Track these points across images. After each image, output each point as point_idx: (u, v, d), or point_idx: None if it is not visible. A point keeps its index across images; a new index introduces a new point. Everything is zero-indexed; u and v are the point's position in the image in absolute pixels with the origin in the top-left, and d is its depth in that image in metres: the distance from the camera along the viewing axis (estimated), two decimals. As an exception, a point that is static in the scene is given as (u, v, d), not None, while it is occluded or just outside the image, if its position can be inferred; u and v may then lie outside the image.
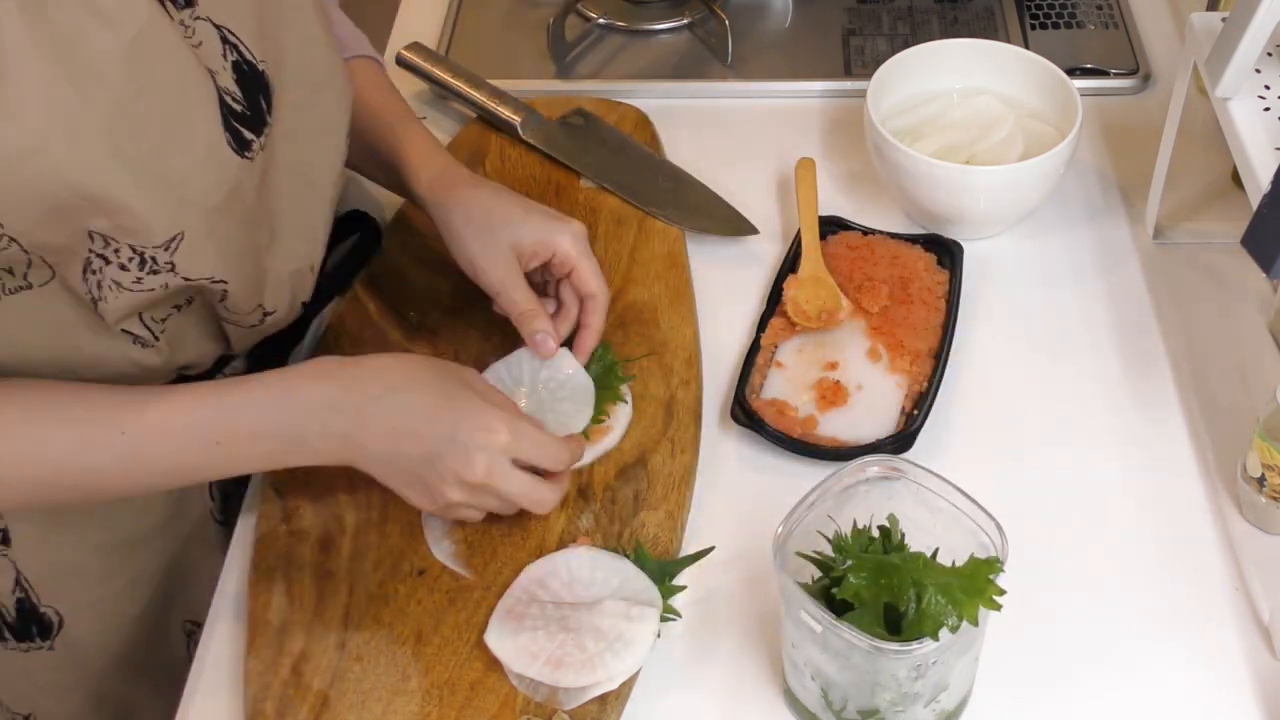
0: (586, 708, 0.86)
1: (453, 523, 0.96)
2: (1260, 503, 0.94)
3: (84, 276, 0.83)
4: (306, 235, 0.98)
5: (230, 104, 0.84)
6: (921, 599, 0.76)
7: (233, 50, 0.85)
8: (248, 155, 0.86)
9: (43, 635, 1.03)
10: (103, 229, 0.80)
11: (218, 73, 0.84)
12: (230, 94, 0.84)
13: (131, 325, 0.89)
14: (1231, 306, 1.10)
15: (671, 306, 1.10)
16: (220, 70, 0.84)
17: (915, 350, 1.05)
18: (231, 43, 0.85)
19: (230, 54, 0.85)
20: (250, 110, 0.86)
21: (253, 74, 0.86)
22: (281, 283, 0.96)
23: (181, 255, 0.84)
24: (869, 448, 0.98)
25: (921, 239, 1.13)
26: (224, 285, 0.89)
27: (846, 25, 1.39)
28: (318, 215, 0.98)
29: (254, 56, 0.86)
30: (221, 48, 0.84)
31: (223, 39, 0.84)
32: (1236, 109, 0.96)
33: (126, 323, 0.88)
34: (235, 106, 0.85)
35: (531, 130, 1.24)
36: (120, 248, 0.82)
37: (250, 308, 0.94)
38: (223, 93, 0.84)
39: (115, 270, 0.83)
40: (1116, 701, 0.87)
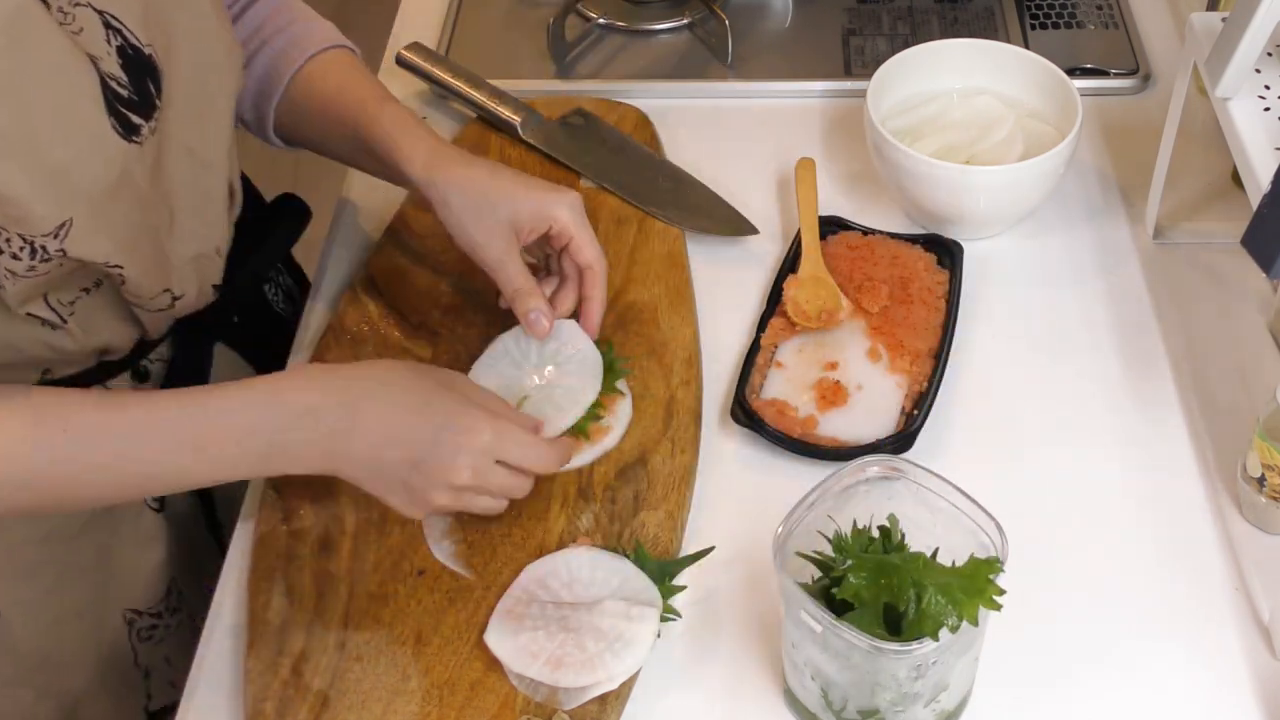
0: (586, 708, 0.86)
1: (453, 523, 0.96)
2: (1260, 503, 0.94)
3: None
4: (205, 217, 0.97)
5: (115, 89, 0.84)
6: (921, 599, 0.76)
7: (116, 35, 0.84)
8: (135, 140, 0.86)
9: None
10: None
11: (101, 58, 0.83)
12: (115, 79, 0.84)
13: (37, 309, 0.89)
14: (1231, 306, 1.10)
15: (671, 306, 1.10)
16: (104, 56, 0.83)
17: (915, 350, 1.05)
18: (115, 27, 0.84)
19: (114, 39, 0.84)
20: (137, 95, 0.86)
21: (138, 58, 0.86)
22: (186, 266, 0.96)
23: (71, 242, 0.84)
24: (869, 448, 0.98)
25: (921, 239, 1.13)
26: (120, 270, 0.89)
27: (846, 25, 1.39)
28: (215, 196, 0.98)
29: (139, 41, 0.86)
30: (105, 33, 0.83)
31: (105, 24, 0.83)
32: (1236, 109, 0.96)
33: (31, 305, 0.88)
34: (121, 91, 0.84)
35: (531, 130, 1.24)
36: (10, 237, 0.82)
37: (155, 292, 0.94)
38: (106, 78, 0.83)
39: (8, 260, 0.83)
40: (1116, 701, 0.87)
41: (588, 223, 1.02)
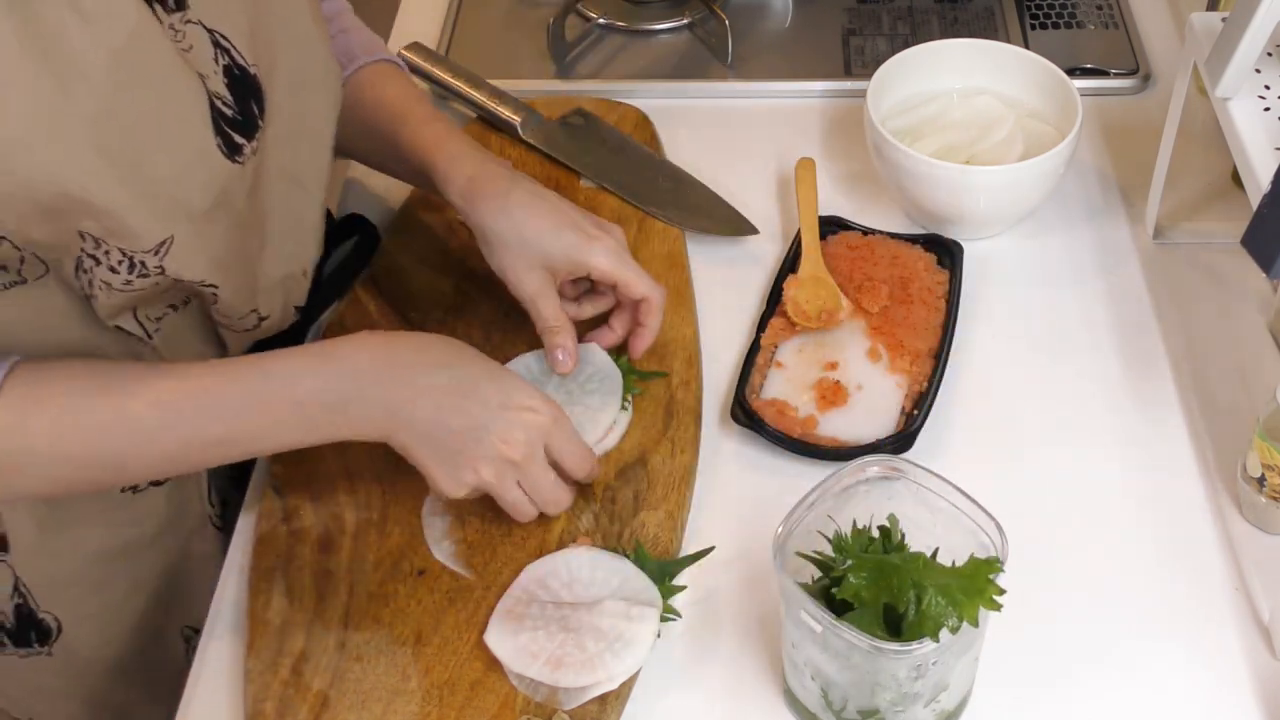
0: (586, 708, 0.86)
1: (453, 522, 0.96)
2: (1260, 503, 0.94)
3: (76, 274, 0.83)
4: (298, 238, 0.97)
5: (221, 108, 0.84)
6: (921, 599, 0.76)
7: (224, 54, 0.84)
8: (238, 160, 0.86)
9: (41, 641, 1.03)
10: (92, 230, 0.80)
11: (209, 76, 0.83)
12: (221, 98, 0.84)
13: (125, 322, 0.89)
14: (1231, 306, 1.10)
15: (671, 306, 1.10)
16: (211, 74, 0.84)
17: (915, 350, 1.05)
18: (224, 46, 0.84)
19: (222, 58, 0.84)
20: (241, 114, 0.86)
21: (244, 78, 0.86)
22: (274, 287, 0.96)
23: (171, 259, 0.84)
24: (869, 448, 0.98)
25: (921, 239, 1.13)
26: (214, 289, 0.89)
27: (846, 25, 1.39)
28: (308, 218, 0.98)
29: (245, 60, 0.86)
30: (213, 51, 0.84)
31: (214, 43, 0.84)
32: (1236, 109, 0.96)
33: (120, 319, 0.88)
34: (226, 111, 0.85)
35: (531, 130, 1.24)
36: (110, 250, 0.82)
37: (244, 312, 0.94)
38: (214, 97, 0.84)
39: (105, 271, 0.83)
40: (1116, 701, 0.87)
41: (629, 260, 0.99)
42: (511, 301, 1.09)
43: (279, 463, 1.00)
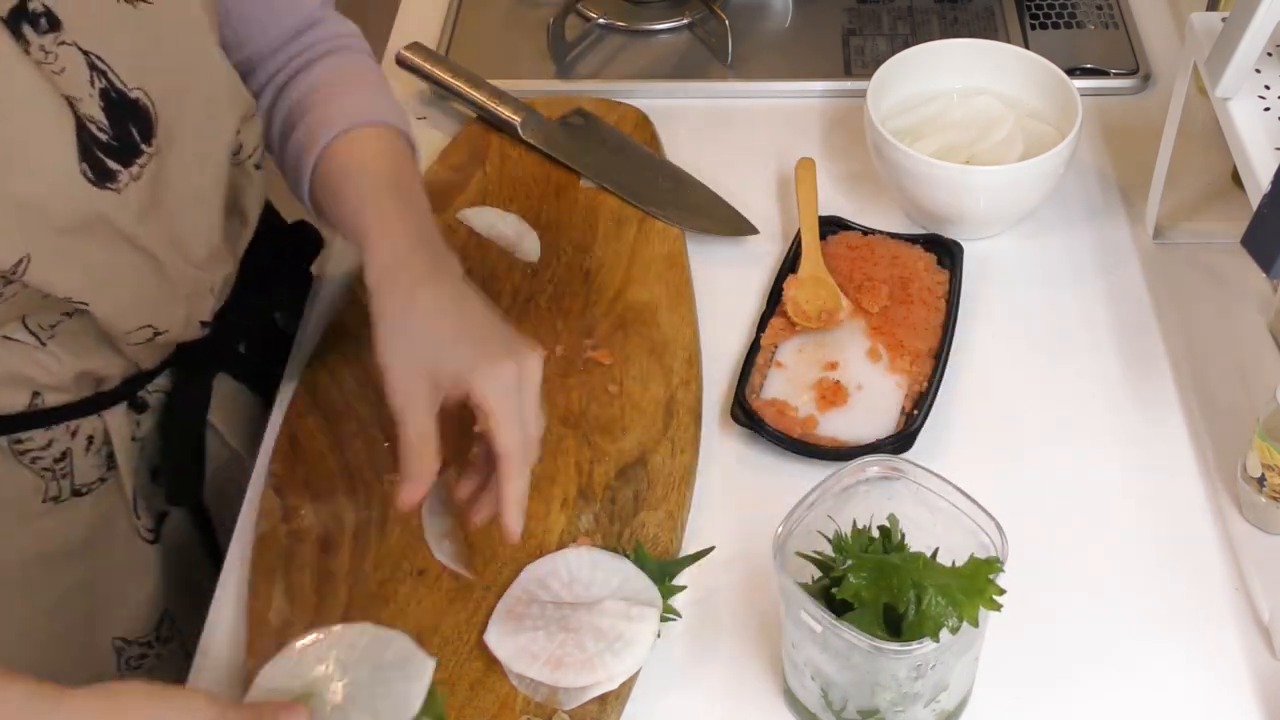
0: (586, 708, 0.86)
1: (453, 523, 0.96)
2: (1260, 503, 0.94)
3: None
4: (203, 258, 0.94)
5: (95, 133, 0.81)
6: (921, 599, 0.76)
7: (101, 77, 0.81)
8: (110, 186, 0.83)
9: None
10: None
11: (82, 100, 0.80)
12: (95, 121, 0.81)
13: (13, 331, 0.87)
14: (1231, 306, 1.10)
15: (671, 306, 1.10)
16: (86, 97, 0.81)
17: (915, 350, 1.05)
18: (100, 69, 0.81)
19: (98, 80, 0.81)
20: (117, 140, 0.83)
21: (123, 102, 0.83)
22: (175, 304, 0.93)
23: (33, 274, 0.81)
24: (869, 448, 0.98)
25: (921, 239, 1.13)
26: (84, 306, 0.86)
27: (846, 25, 1.39)
28: (210, 233, 0.95)
29: (125, 84, 0.83)
30: (89, 74, 0.81)
31: (90, 65, 0.81)
32: (1236, 109, 0.96)
33: (7, 329, 0.87)
34: (100, 135, 0.82)
35: (531, 130, 1.24)
36: None
37: (132, 327, 0.91)
38: (86, 120, 0.81)
39: None
40: (1116, 701, 0.87)
41: (517, 400, 0.85)
42: (509, 306, 1.10)
43: (279, 462, 1.00)
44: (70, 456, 0.97)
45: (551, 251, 1.15)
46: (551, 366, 1.06)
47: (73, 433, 0.96)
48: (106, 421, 0.98)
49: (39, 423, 0.94)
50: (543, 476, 0.98)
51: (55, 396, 0.93)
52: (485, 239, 1.16)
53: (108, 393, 0.97)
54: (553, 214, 1.18)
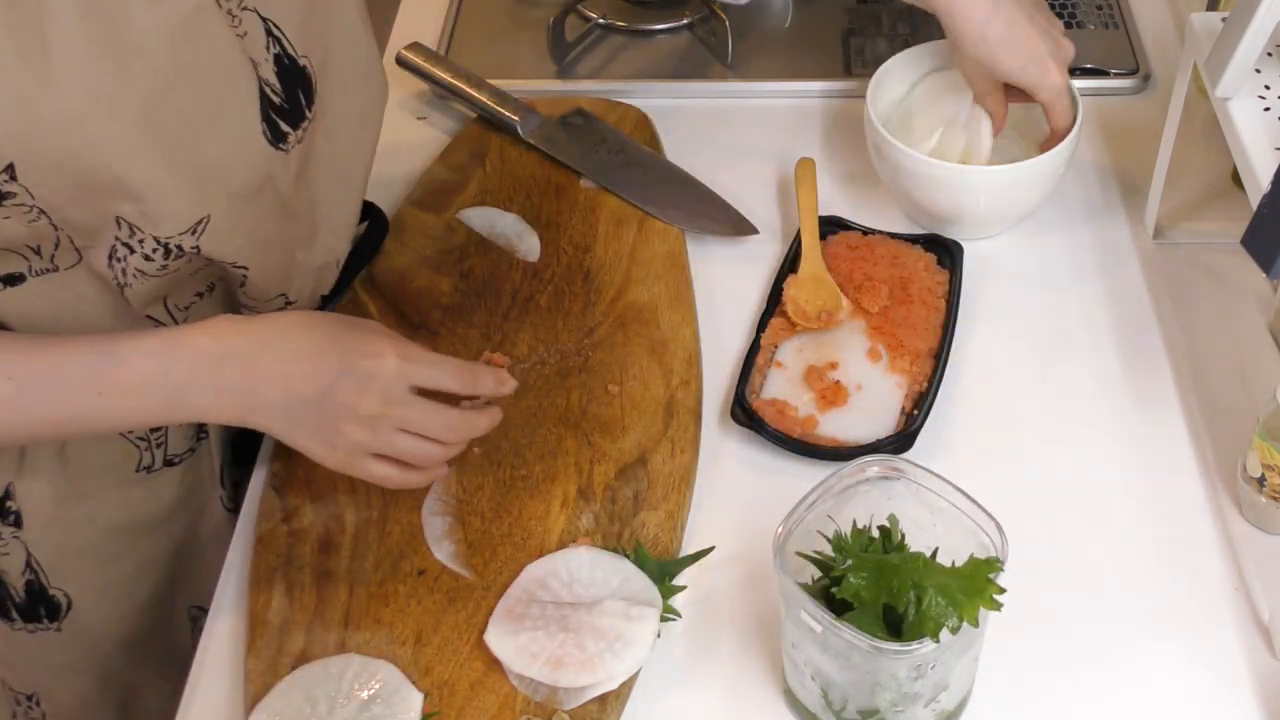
0: (586, 708, 0.86)
1: (453, 523, 0.96)
2: (1260, 503, 0.94)
3: (110, 263, 0.84)
4: (337, 230, 0.99)
5: (269, 95, 0.85)
6: (921, 599, 0.76)
7: (276, 43, 0.85)
8: (282, 148, 0.87)
9: (50, 617, 1.04)
10: (129, 215, 0.81)
11: (260, 64, 0.85)
12: (270, 85, 0.85)
13: (155, 311, 0.90)
14: (1231, 306, 1.10)
15: (671, 306, 1.10)
16: (262, 62, 0.85)
17: (915, 350, 1.05)
18: (275, 35, 0.85)
19: (273, 46, 0.85)
20: (289, 103, 0.87)
21: (293, 68, 0.87)
22: (308, 275, 0.97)
23: (207, 239, 0.85)
24: (869, 448, 0.98)
25: (921, 239, 1.13)
26: (244, 271, 0.90)
27: (846, 25, 1.38)
28: (348, 210, 0.99)
29: (295, 51, 0.87)
30: (266, 39, 0.85)
31: (267, 31, 0.85)
32: (1236, 109, 0.96)
33: (151, 309, 0.89)
34: (274, 98, 0.86)
35: (531, 130, 1.24)
36: (145, 238, 0.82)
37: (271, 296, 0.95)
38: (263, 83, 0.85)
39: (139, 260, 0.84)
40: (1116, 701, 0.87)
41: (1067, 96, 1.08)
42: (509, 306, 1.10)
43: (279, 462, 1.00)
44: (166, 426, 0.98)
45: (551, 251, 1.15)
46: (551, 366, 1.06)
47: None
48: None
49: None
50: (543, 476, 0.98)
51: None
52: (485, 239, 1.16)
53: None
54: (553, 214, 1.18)
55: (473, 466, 0.99)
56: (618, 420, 1.02)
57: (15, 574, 1.01)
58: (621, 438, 1.01)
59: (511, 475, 0.99)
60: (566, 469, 0.99)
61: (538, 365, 1.06)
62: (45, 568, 1.01)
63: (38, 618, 1.04)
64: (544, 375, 1.05)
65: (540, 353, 1.07)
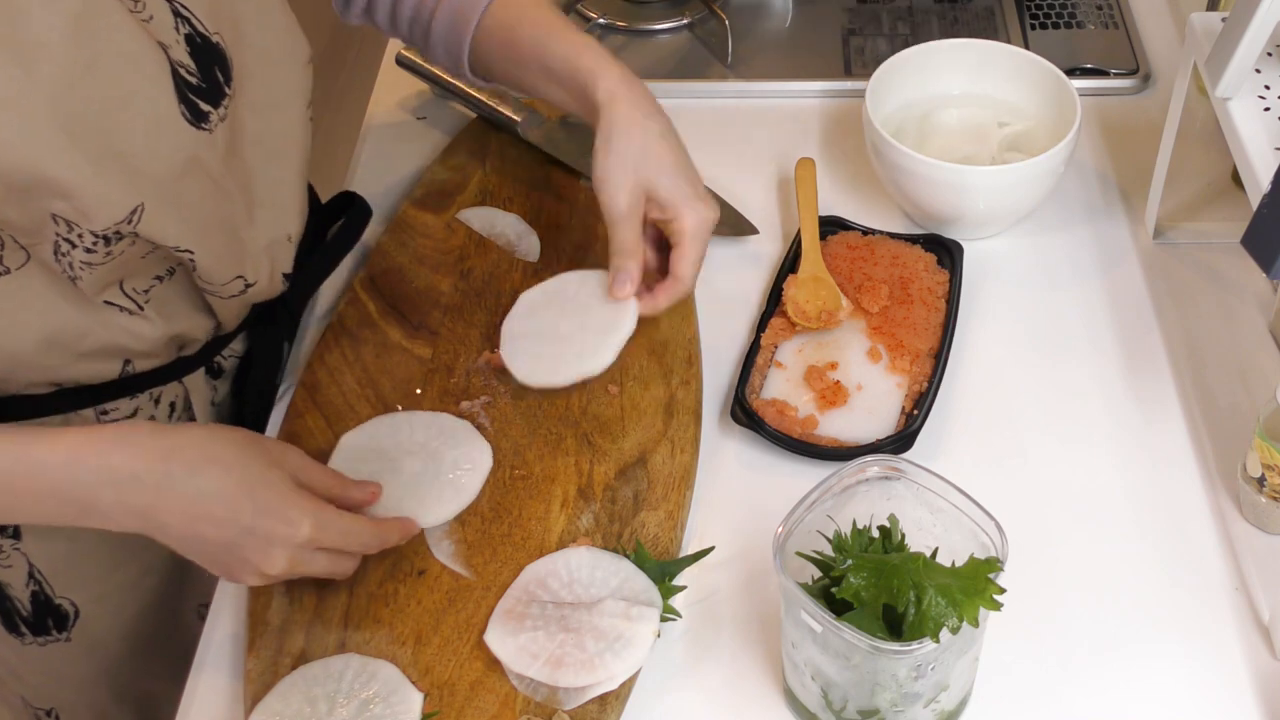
0: (586, 708, 0.86)
1: (453, 523, 0.96)
2: (1260, 503, 0.94)
3: (56, 258, 0.84)
4: (280, 205, 0.98)
5: (184, 76, 0.85)
6: (921, 600, 0.76)
7: (185, 23, 0.85)
8: (204, 127, 0.87)
9: (59, 627, 1.04)
10: (63, 212, 0.81)
11: (171, 45, 0.84)
12: (184, 66, 0.85)
13: (113, 296, 0.90)
14: (1231, 306, 1.10)
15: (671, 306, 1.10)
16: (173, 43, 0.84)
17: (915, 350, 1.05)
18: (183, 15, 0.85)
19: (182, 27, 0.85)
20: (205, 82, 0.87)
21: (206, 46, 0.86)
22: (259, 253, 0.97)
23: (145, 226, 0.85)
24: (869, 448, 0.98)
25: (921, 239, 1.13)
26: (190, 255, 0.89)
27: (846, 25, 1.39)
28: (289, 185, 0.99)
29: (206, 29, 0.86)
30: (173, 20, 0.84)
31: (174, 12, 0.84)
32: (1236, 109, 0.96)
33: (108, 293, 0.89)
34: (190, 79, 0.85)
35: (531, 130, 1.24)
36: (82, 233, 0.83)
37: (227, 278, 0.94)
38: (176, 65, 0.84)
39: (81, 254, 0.84)
40: (1116, 701, 0.87)
41: (702, 243, 1.00)
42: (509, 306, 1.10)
43: (279, 463, 1.00)
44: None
45: (551, 251, 1.15)
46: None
47: (156, 399, 0.98)
48: (187, 387, 1.00)
49: (125, 390, 0.96)
50: (543, 476, 0.98)
51: (145, 363, 0.96)
52: (485, 239, 1.16)
53: (188, 358, 0.99)
54: (553, 214, 1.18)
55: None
56: (618, 420, 1.02)
57: (19, 586, 1.01)
58: (621, 438, 1.01)
59: (511, 475, 0.99)
60: (566, 469, 0.99)
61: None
62: (49, 577, 1.01)
63: (46, 629, 1.04)
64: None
65: (540, 353, 1.07)
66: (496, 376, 1.05)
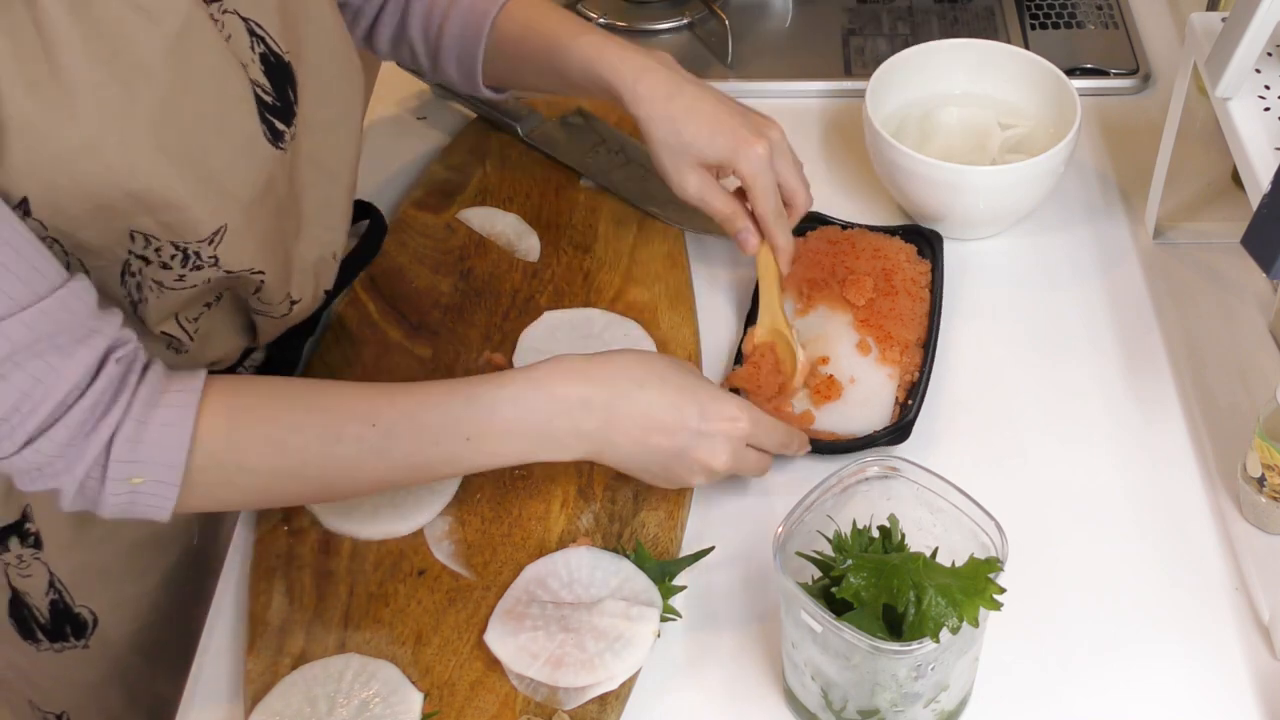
0: (586, 708, 0.86)
1: (453, 523, 0.96)
2: (1260, 503, 0.94)
3: (122, 279, 0.84)
4: (329, 223, 0.99)
5: (262, 96, 0.85)
6: (921, 600, 0.76)
7: (259, 42, 0.85)
8: (281, 146, 0.87)
9: (78, 635, 1.04)
10: (146, 228, 0.81)
11: (248, 65, 0.85)
12: (261, 86, 0.86)
13: (169, 327, 0.90)
14: (1231, 306, 1.10)
15: (671, 306, 1.10)
16: (249, 62, 0.85)
17: (904, 341, 1.05)
18: (258, 35, 0.85)
19: (258, 46, 0.85)
20: (280, 101, 0.87)
21: (279, 65, 0.87)
22: (307, 271, 0.97)
23: (224, 248, 0.85)
24: (866, 440, 0.98)
25: (900, 230, 1.13)
26: (261, 276, 0.90)
27: (846, 25, 1.39)
28: (338, 203, 0.99)
29: (280, 48, 0.87)
30: (249, 40, 0.85)
31: (250, 31, 0.85)
32: (1236, 109, 0.96)
33: (164, 325, 0.89)
34: (266, 98, 0.86)
35: (531, 130, 1.24)
36: (162, 246, 0.82)
37: (280, 297, 0.95)
38: (255, 85, 0.85)
39: (156, 270, 0.84)
40: (1116, 701, 0.87)
41: (771, 171, 1.02)
42: (509, 306, 1.10)
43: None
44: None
45: (551, 251, 1.15)
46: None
47: None
48: None
49: None
50: (543, 476, 0.98)
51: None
52: (485, 239, 1.16)
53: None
54: (553, 214, 1.18)
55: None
56: (618, 420, 1.02)
57: (39, 595, 1.01)
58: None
59: (511, 475, 0.99)
60: (566, 469, 0.99)
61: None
62: (69, 587, 1.01)
63: (64, 637, 1.04)
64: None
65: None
66: (496, 376, 1.05)
